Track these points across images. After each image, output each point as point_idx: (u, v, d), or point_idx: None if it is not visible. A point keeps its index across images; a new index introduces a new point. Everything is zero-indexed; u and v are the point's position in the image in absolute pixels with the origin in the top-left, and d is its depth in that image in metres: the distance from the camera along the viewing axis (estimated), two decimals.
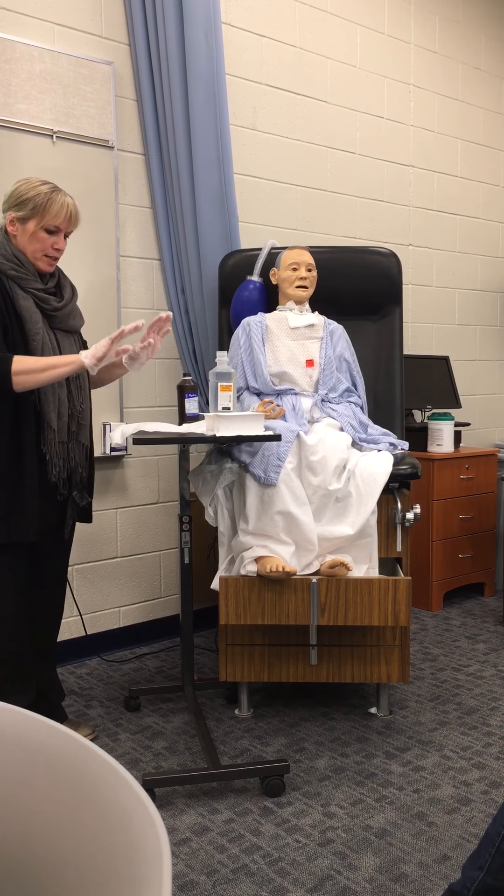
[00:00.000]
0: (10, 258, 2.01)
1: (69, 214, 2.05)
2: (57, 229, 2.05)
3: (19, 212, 2.02)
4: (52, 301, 2.07)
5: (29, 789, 0.71)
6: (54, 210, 2.02)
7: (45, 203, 2.01)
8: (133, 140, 3.11)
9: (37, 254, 2.04)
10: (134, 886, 0.56)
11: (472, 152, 4.39)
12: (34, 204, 2.00)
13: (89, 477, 2.26)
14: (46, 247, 2.05)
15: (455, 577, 3.78)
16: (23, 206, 2.01)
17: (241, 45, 3.38)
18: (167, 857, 0.56)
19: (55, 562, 2.28)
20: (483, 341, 4.57)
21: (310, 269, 2.75)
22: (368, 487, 2.41)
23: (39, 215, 2.01)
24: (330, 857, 1.83)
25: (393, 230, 4.04)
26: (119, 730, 2.47)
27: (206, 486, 2.49)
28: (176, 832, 1.94)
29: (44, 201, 2.01)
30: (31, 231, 2.02)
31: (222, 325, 3.04)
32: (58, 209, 2.02)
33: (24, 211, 2.01)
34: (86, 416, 2.19)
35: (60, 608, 2.33)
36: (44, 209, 2.01)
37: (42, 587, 2.27)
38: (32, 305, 2.03)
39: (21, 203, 2.02)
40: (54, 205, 2.02)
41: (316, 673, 2.48)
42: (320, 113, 3.68)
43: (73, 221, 2.08)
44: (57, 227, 2.04)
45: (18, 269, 2.01)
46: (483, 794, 2.09)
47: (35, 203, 2.00)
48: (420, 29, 4.05)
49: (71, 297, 2.16)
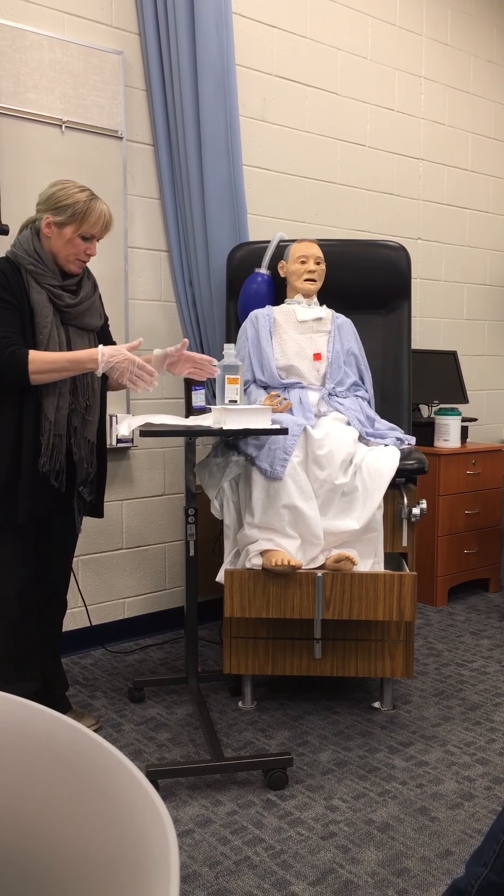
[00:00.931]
0: (31, 254, 2.05)
1: (105, 223, 2.09)
2: (92, 237, 2.09)
3: (58, 216, 2.05)
4: (65, 297, 2.10)
5: (33, 780, 0.71)
6: (93, 219, 2.06)
7: (84, 211, 2.04)
8: (142, 130, 3.10)
9: (70, 258, 2.08)
10: (141, 878, 0.56)
11: (483, 146, 4.36)
12: (73, 211, 2.04)
13: (99, 473, 2.26)
14: (80, 252, 2.09)
15: (460, 573, 3.77)
16: (62, 212, 2.05)
17: (252, 36, 3.36)
18: (174, 850, 0.56)
19: (59, 553, 2.29)
20: (491, 336, 4.55)
21: (318, 263, 2.74)
22: (375, 482, 2.41)
23: (78, 223, 2.05)
24: (332, 850, 1.83)
25: (402, 224, 4.02)
26: (123, 721, 2.48)
27: (213, 478, 2.49)
28: (179, 824, 1.95)
29: (83, 209, 2.04)
30: (68, 237, 2.06)
31: (230, 318, 3.03)
32: (96, 218, 2.06)
33: (63, 216, 2.05)
34: (93, 413, 2.18)
35: (64, 599, 2.34)
36: (83, 217, 2.05)
37: (46, 577, 2.28)
38: (45, 299, 2.06)
39: (60, 208, 2.05)
40: (93, 214, 2.05)
41: (320, 667, 2.48)
42: (330, 105, 3.66)
43: (107, 229, 2.12)
44: (93, 234, 2.09)
45: (37, 264, 2.05)
46: (486, 790, 2.09)
47: (74, 210, 2.04)
48: (432, 21, 4.02)
49: (89, 294, 2.18)
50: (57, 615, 2.34)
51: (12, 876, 0.67)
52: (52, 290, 2.07)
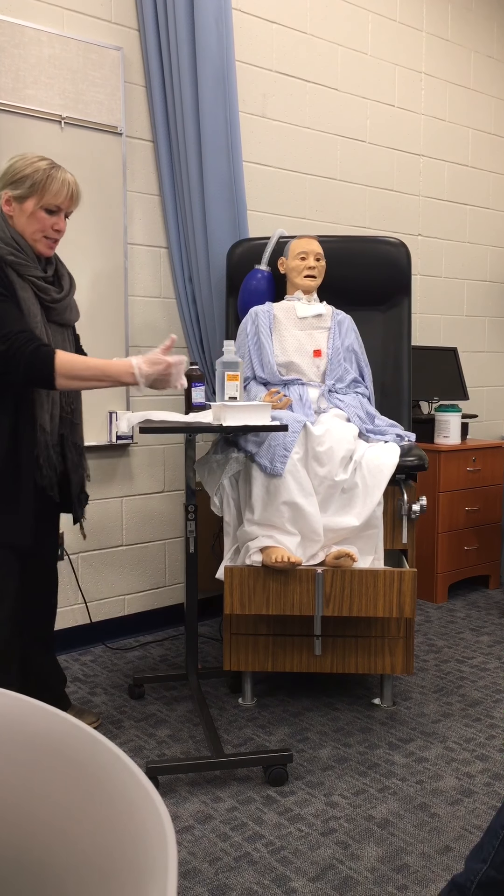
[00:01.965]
0: (8, 241, 1.86)
1: (70, 192, 1.92)
2: (58, 209, 1.91)
3: (16, 190, 1.87)
4: (51, 292, 1.95)
5: (32, 778, 0.71)
6: (55, 188, 1.88)
7: (44, 180, 1.87)
8: (142, 127, 3.09)
9: (36, 235, 1.90)
10: (139, 875, 0.56)
11: (483, 141, 4.35)
12: (32, 181, 1.86)
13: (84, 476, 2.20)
14: (46, 227, 1.90)
15: (460, 570, 3.77)
16: (20, 184, 1.87)
17: (252, 32, 3.35)
18: (172, 846, 0.56)
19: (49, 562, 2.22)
20: (491, 333, 4.55)
21: (318, 259, 2.73)
22: (375, 479, 2.41)
23: (39, 194, 1.87)
24: (332, 846, 1.84)
25: (402, 220, 4.01)
26: (123, 717, 2.48)
27: (212, 475, 2.49)
28: (179, 820, 1.95)
29: (43, 178, 1.87)
30: (30, 211, 1.88)
31: (230, 315, 3.02)
32: (58, 187, 1.88)
33: (22, 189, 1.87)
34: (78, 416, 2.10)
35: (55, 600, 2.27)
36: (43, 187, 1.87)
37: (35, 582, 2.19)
38: (31, 297, 1.90)
39: (18, 181, 1.87)
40: (54, 182, 1.88)
41: (320, 663, 2.48)
42: (330, 100, 3.65)
43: (74, 200, 1.94)
44: (58, 206, 1.90)
45: (17, 253, 1.87)
46: (486, 786, 2.09)
47: (34, 180, 1.86)
48: (432, 16, 4.01)
49: (70, 288, 2.03)
50: (49, 618, 2.26)
51: (10, 871, 0.67)
52: (36, 284, 1.89)
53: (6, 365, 1.81)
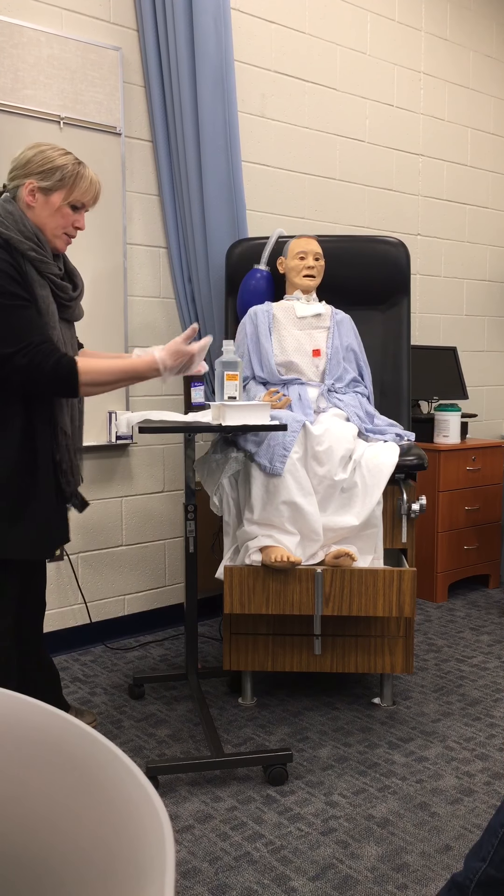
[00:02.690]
0: (29, 236, 1.76)
1: (96, 192, 1.86)
2: (83, 206, 1.84)
3: (44, 181, 1.77)
4: (68, 290, 1.88)
5: (31, 777, 0.71)
6: (84, 185, 1.81)
7: (74, 175, 1.79)
8: (141, 127, 3.10)
9: (57, 231, 1.82)
10: (137, 875, 0.56)
11: (482, 141, 4.35)
12: (62, 175, 1.78)
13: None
14: (68, 224, 1.83)
15: (460, 569, 3.77)
16: (48, 176, 1.77)
17: (250, 32, 3.35)
18: (170, 846, 0.56)
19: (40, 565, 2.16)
20: (491, 332, 4.55)
21: (317, 259, 2.74)
22: (374, 478, 2.41)
23: (69, 188, 1.79)
24: (332, 845, 1.84)
25: (401, 219, 4.01)
26: (123, 717, 2.48)
27: (212, 475, 2.49)
28: (179, 819, 1.95)
29: (73, 173, 1.79)
30: (57, 205, 1.79)
31: (229, 314, 3.03)
32: (87, 185, 1.82)
33: (51, 181, 1.77)
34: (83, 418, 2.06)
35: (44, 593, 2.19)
36: (74, 182, 1.79)
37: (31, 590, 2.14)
38: (49, 295, 1.82)
39: (46, 171, 1.77)
40: (84, 179, 1.81)
41: (320, 663, 2.48)
42: (329, 100, 3.65)
43: (97, 199, 1.89)
44: (83, 203, 1.84)
45: (39, 250, 1.77)
46: (486, 785, 2.09)
47: (63, 174, 1.78)
48: (431, 16, 4.01)
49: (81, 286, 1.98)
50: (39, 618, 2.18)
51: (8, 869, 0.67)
52: (54, 282, 1.82)
53: (27, 377, 1.73)
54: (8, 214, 1.76)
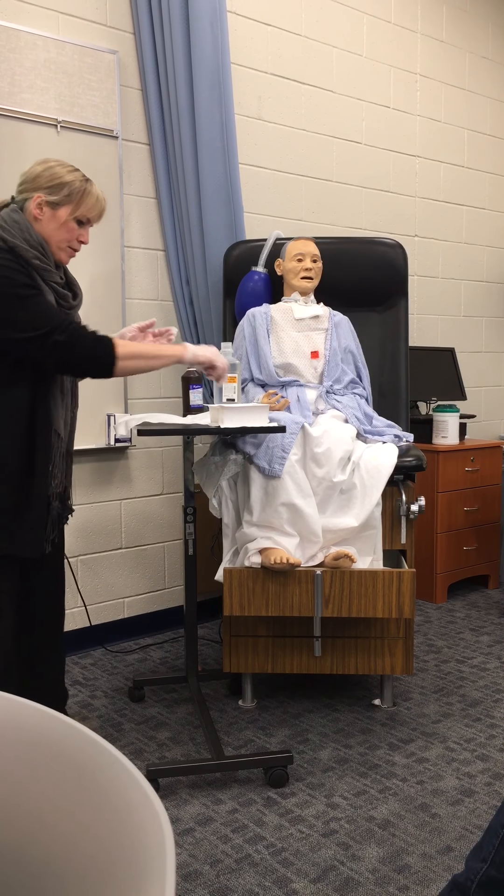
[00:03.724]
0: (35, 245, 1.83)
1: (102, 208, 1.95)
2: (88, 221, 1.93)
3: (52, 196, 1.85)
4: (69, 298, 1.95)
5: (32, 780, 0.71)
6: (90, 201, 1.90)
7: (81, 191, 1.87)
8: (138, 130, 3.10)
9: (61, 244, 1.89)
10: (137, 877, 0.56)
11: (479, 142, 4.36)
12: (70, 190, 1.86)
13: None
14: (73, 238, 1.90)
15: (459, 570, 3.77)
16: (56, 191, 1.86)
17: (247, 34, 3.35)
18: (171, 848, 0.56)
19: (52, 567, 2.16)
20: (489, 333, 4.55)
21: (315, 260, 2.74)
22: (373, 479, 2.41)
23: (75, 204, 1.87)
24: (333, 847, 1.83)
25: (399, 221, 4.02)
26: (123, 720, 2.48)
27: (211, 477, 2.49)
28: (180, 822, 1.95)
29: (81, 189, 1.87)
30: (63, 219, 1.87)
31: (227, 317, 3.03)
32: (94, 202, 1.90)
33: (58, 196, 1.86)
34: (74, 425, 2.08)
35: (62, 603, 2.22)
36: (80, 198, 1.87)
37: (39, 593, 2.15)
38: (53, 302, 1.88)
39: (55, 186, 1.86)
40: (90, 196, 1.89)
41: (320, 664, 2.48)
42: (326, 102, 3.65)
43: (102, 216, 1.97)
44: (88, 219, 1.93)
45: (43, 259, 1.85)
46: (486, 786, 2.09)
47: (71, 190, 1.86)
48: (427, 18, 4.02)
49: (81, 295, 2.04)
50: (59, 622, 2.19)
51: (9, 872, 0.67)
52: (56, 290, 1.89)
53: (66, 353, 1.79)
54: (14, 224, 1.82)
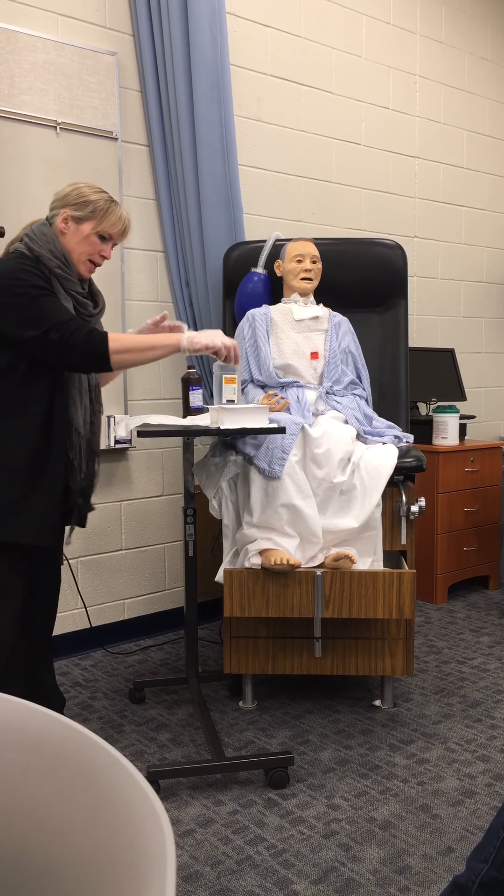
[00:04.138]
0: (58, 255, 1.97)
1: (124, 227, 2.06)
2: (110, 237, 2.05)
3: (77, 212, 2.00)
4: (88, 307, 2.05)
5: (32, 781, 0.71)
6: (113, 219, 2.02)
7: (105, 209, 2.01)
8: (137, 131, 3.10)
9: (83, 257, 2.02)
10: (138, 879, 0.56)
11: (478, 143, 4.36)
12: (94, 207, 2.00)
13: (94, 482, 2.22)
14: (94, 252, 2.03)
15: (460, 570, 3.77)
16: (82, 207, 2.00)
17: (246, 36, 3.36)
18: (171, 850, 0.56)
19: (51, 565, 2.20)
20: (489, 334, 4.55)
21: (314, 261, 2.74)
22: (373, 480, 2.41)
23: (98, 219, 2.00)
24: (334, 848, 1.83)
25: (398, 222, 4.02)
26: (123, 721, 2.48)
27: (211, 478, 2.49)
28: (180, 824, 1.95)
29: (105, 207, 2.01)
30: (86, 234, 2.01)
31: (227, 318, 3.03)
32: (116, 219, 2.03)
33: (83, 212, 2.00)
34: (98, 427, 2.14)
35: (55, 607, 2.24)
36: (104, 215, 2.01)
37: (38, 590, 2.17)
38: (72, 308, 2.00)
39: (80, 203, 2.01)
40: (113, 214, 2.02)
41: (320, 665, 2.48)
42: (325, 104, 3.66)
43: (125, 234, 2.08)
44: (111, 235, 2.04)
45: (64, 268, 1.98)
46: (487, 787, 2.09)
47: (95, 206, 2.00)
48: (426, 19, 4.02)
49: (103, 306, 2.14)
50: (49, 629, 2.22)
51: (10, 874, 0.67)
52: (76, 298, 2.01)
53: (62, 351, 1.88)
54: (42, 235, 1.98)
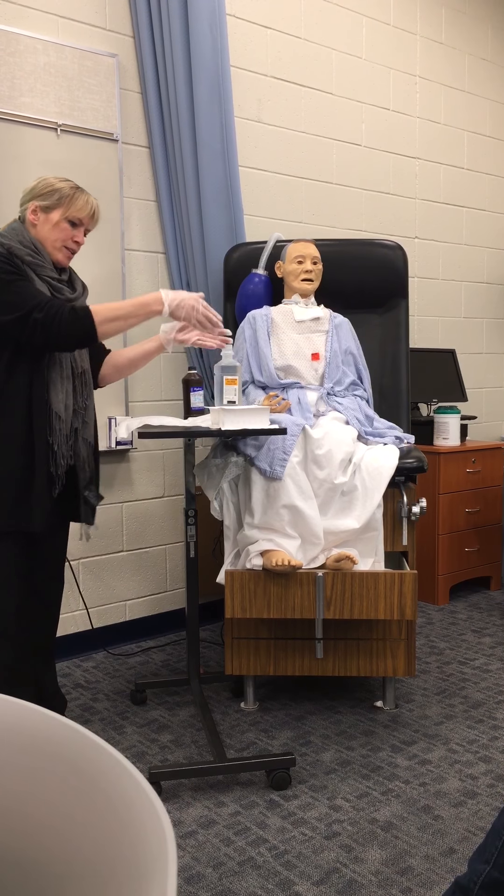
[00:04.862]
0: (27, 244, 2.03)
1: (92, 211, 2.10)
2: (80, 222, 2.09)
3: (44, 201, 2.06)
4: (65, 291, 2.08)
5: (33, 783, 0.71)
6: (80, 203, 2.07)
7: (70, 195, 2.06)
8: (138, 133, 3.10)
9: (56, 244, 2.07)
10: (139, 880, 0.56)
11: (479, 144, 4.36)
12: (60, 195, 2.05)
13: (95, 475, 2.22)
14: (67, 238, 2.07)
15: (461, 571, 3.77)
16: (48, 197, 2.06)
17: (246, 37, 3.36)
18: (172, 851, 0.56)
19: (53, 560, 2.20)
20: (490, 334, 4.55)
21: (315, 262, 2.74)
22: (374, 481, 2.41)
23: (65, 206, 2.06)
24: (336, 850, 1.83)
25: (399, 223, 4.02)
26: (125, 723, 2.48)
27: (212, 479, 2.49)
28: (182, 825, 1.95)
29: (70, 193, 2.06)
30: (55, 221, 2.06)
31: (227, 319, 3.03)
32: (83, 203, 2.08)
33: (50, 201, 2.06)
34: (90, 415, 2.15)
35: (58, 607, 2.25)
36: (70, 200, 2.06)
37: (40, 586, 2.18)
38: (48, 292, 2.04)
39: (46, 194, 2.06)
40: (79, 199, 2.07)
41: (322, 666, 2.48)
42: (325, 105, 3.66)
43: (94, 219, 2.12)
44: (80, 220, 2.08)
45: (35, 256, 2.03)
46: (489, 788, 2.09)
47: (62, 194, 2.06)
48: (426, 20, 4.03)
49: (82, 291, 2.16)
50: (52, 630, 2.24)
51: (10, 875, 0.67)
52: (51, 284, 2.05)
53: (48, 329, 1.92)
54: (12, 230, 2.05)
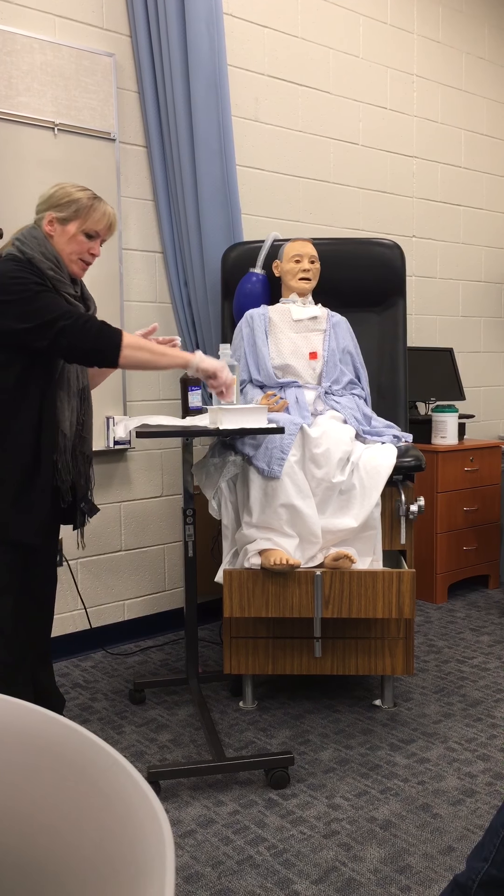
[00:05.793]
0: (49, 258, 2.00)
1: (109, 222, 2.07)
2: (96, 234, 2.06)
3: (61, 213, 2.02)
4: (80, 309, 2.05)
5: (33, 782, 0.71)
6: (97, 216, 2.03)
7: (88, 207, 2.02)
8: (135, 132, 3.10)
9: (72, 256, 2.03)
10: (137, 879, 0.56)
11: (476, 142, 4.36)
12: (77, 206, 2.01)
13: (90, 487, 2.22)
14: (83, 250, 2.04)
15: (459, 570, 3.78)
16: (65, 208, 2.02)
17: (243, 36, 3.36)
18: (170, 850, 0.56)
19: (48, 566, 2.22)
20: (487, 333, 4.55)
21: (313, 261, 2.74)
22: (372, 480, 2.41)
23: (82, 218, 2.02)
24: (335, 848, 1.83)
25: (396, 221, 4.02)
26: (124, 722, 2.48)
27: (210, 479, 2.49)
28: (181, 824, 1.95)
29: (87, 205, 2.02)
30: (72, 233, 2.02)
31: (225, 318, 3.03)
32: (100, 216, 2.04)
33: (67, 212, 2.02)
34: (88, 429, 2.16)
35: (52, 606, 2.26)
36: (87, 213, 2.02)
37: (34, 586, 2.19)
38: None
39: (63, 204, 2.02)
40: (97, 211, 2.03)
41: (320, 665, 2.48)
42: (323, 104, 3.66)
43: (111, 230, 2.09)
44: (97, 232, 2.05)
45: (57, 270, 2.00)
46: (488, 786, 2.09)
47: (79, 206, 2.01)
48: (423, 18, 4.03)
49: (94, 309, 2.15)
50: (47, 629, 2.25)
51: (9, 874, 0.67)
52: (68, 300, 2.02)
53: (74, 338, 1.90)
54: (33, 239, 2.01)
